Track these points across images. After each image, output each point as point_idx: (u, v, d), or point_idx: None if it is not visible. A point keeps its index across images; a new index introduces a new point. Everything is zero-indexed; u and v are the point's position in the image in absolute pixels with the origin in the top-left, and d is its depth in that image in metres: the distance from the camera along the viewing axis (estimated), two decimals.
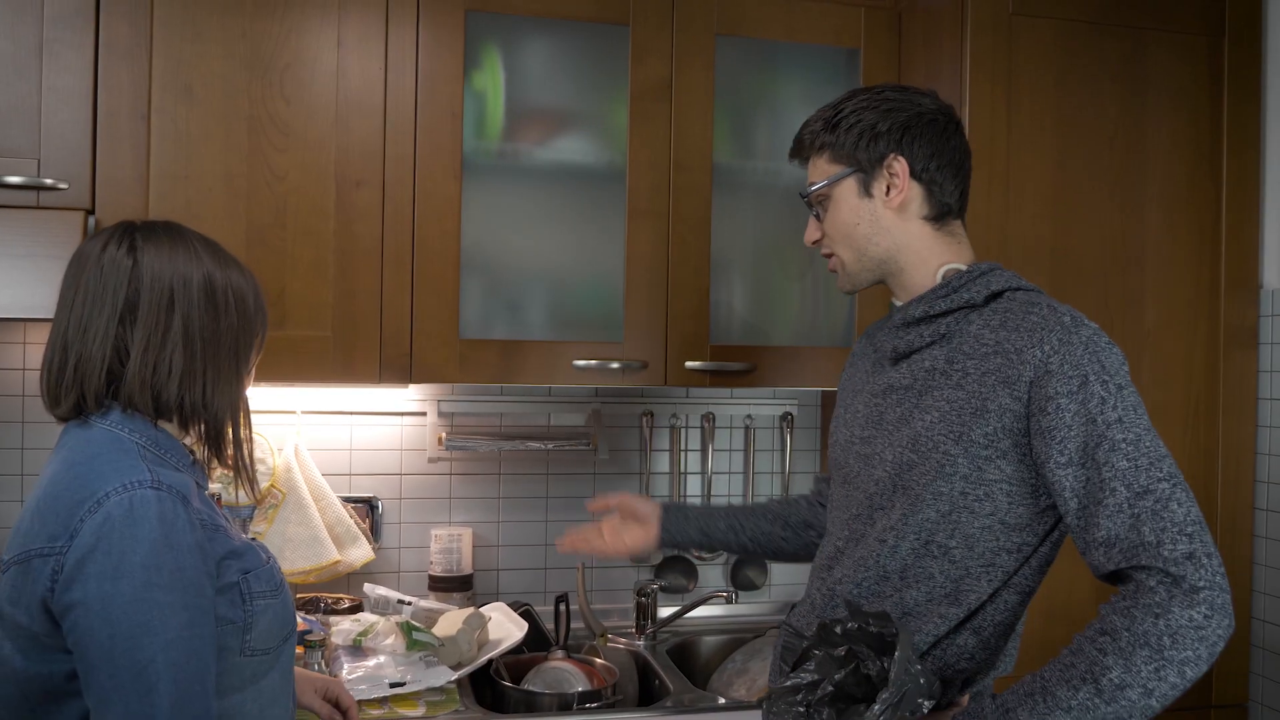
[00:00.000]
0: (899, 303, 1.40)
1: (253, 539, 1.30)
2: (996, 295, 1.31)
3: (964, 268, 1.35)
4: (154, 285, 1.20)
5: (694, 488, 2.43)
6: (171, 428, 1.24)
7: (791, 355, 2.11)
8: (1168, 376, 2.02)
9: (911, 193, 1.34)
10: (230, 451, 1.27)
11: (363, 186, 1.91)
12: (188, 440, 1.26)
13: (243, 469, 1.30)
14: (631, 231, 2.02)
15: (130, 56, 1.81)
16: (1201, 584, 1.10)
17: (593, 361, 1.99)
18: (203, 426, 1.24)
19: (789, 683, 1.21)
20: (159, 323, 1.19)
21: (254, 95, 1.86)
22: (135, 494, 1.09)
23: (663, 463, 2.41)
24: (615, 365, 2.00)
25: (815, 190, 1.39)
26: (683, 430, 2.42)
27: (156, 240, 1.23)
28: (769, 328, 2.14)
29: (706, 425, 2.42)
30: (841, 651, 1.19)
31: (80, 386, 1.19)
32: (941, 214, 1.36)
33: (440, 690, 1.84)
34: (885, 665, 1.17)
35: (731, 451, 2.46)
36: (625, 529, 1.66)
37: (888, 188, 1.35)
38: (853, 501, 1.38)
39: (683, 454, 2.42)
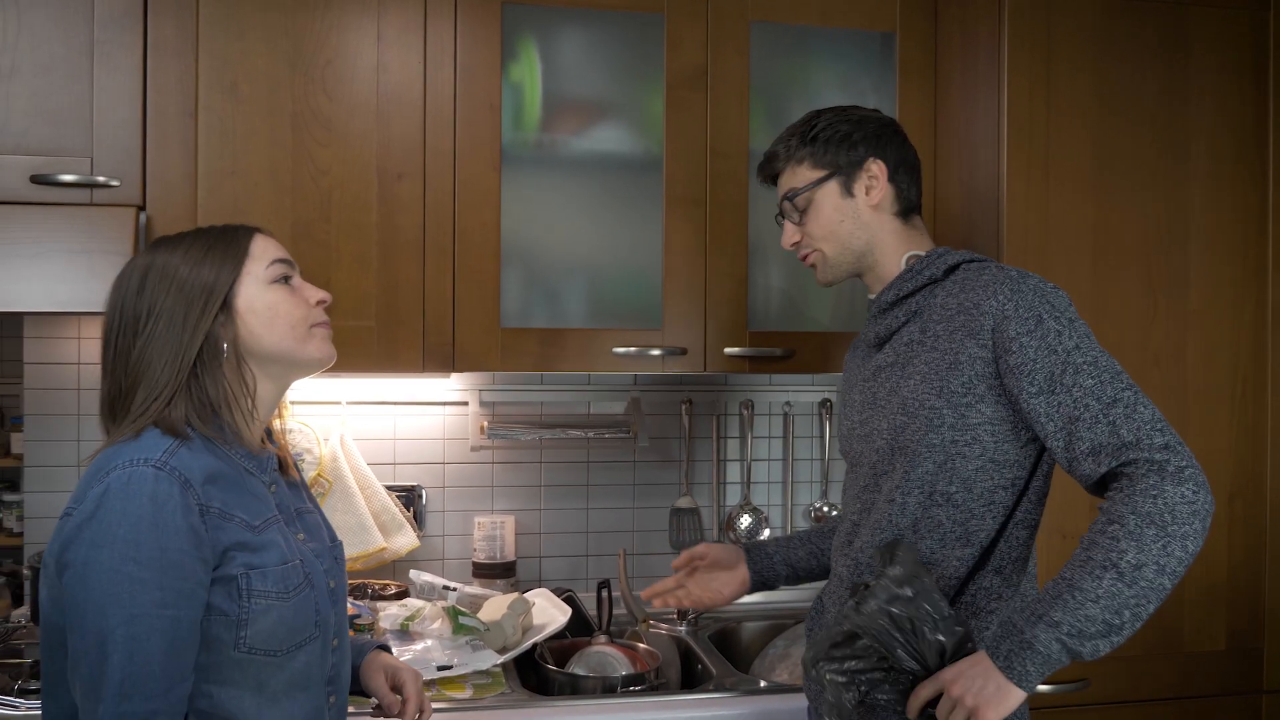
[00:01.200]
0: (873, 295, 1.57)
1: (305, 540, 1.30)
2: (954, 268, 1.49)
3: (923, 253, 1.54)
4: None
5: (733, 475, 2.44)
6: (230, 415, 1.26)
7: (830, 340, 2.11)
8: (1214, 357, 1.99)
9: (886, 192, 1.53)
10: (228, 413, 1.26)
11: (404, 179, 1.94)
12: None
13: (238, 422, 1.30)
14: (669, 219, 2.04)
15: (177, 56, 1.86)
16: (1185, 464, 1.26)
17: (632, 349, 2.01)
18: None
19: (836, 653, 1.33)
20: (107, 348, 1.26)
21: (297, 91, 1.90)
22: (135, 470, 1.13)
23: (703, 450, 2.42)
24: (655, 352, 2.02)
25: (801, 193, 1.55)
26: (722, 417, 2.43)
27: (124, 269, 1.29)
28: (808, 313, 2.15)
29: (745, 412, 2.42)
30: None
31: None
32: (908, 210, 1.56)
33: (486, 673, 1.86)
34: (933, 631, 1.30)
35: (770, 438, 2.47)
36: (714, 578, 1.76)
37: (867, 188, 1.53)
38: (860, 476, 1.53)
39: (722, 441, 2.43)
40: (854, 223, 1.54)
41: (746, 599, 2.34)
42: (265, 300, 1.28)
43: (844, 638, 1.34)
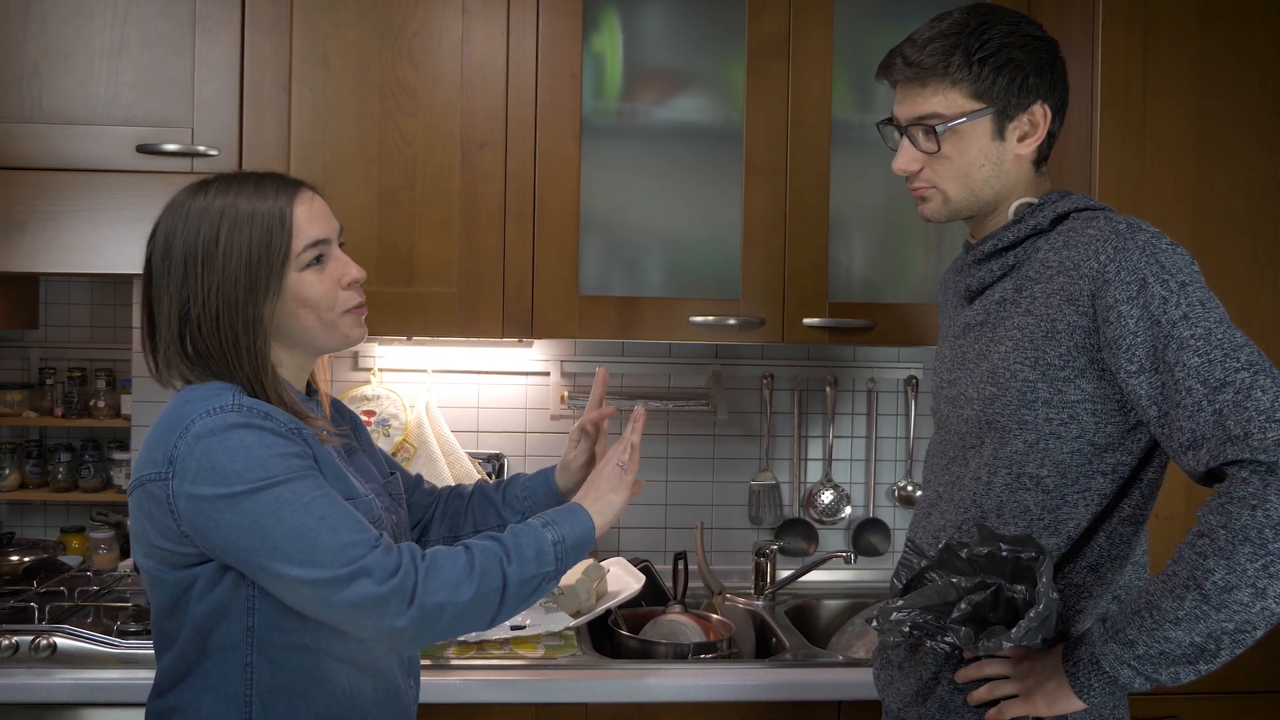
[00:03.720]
0: (973, 240, 1.39)
1: (362, 481, 1.31)
2: (1063, 217, 1.29)
3: (1035, 200, 1.33)
4: (147, 259, 1.27)
5: (815, 451, 2.41)
6: (285, 370, 1.29)
7: (913, 313, 2.07)
8: None
9: (1040, 141, 1.32)
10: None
11: (486, 148, 1.97)
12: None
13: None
14: (748, 189, 2.03)
15: (273, 29, 1.93)
16: None
17: (710, 318, 2.01)
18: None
19: (899, 603, 1.24)
20: (150, 290, 1.26)
21: (384, 63, 1.95)
22: (219, 416, 1.15)
23: (784, 426, 2.40)
24: (732, 321, 2.01)
25: (952, 124, 1.29)
26: (804, 393, 2.40)
27: (169, 209, 1.29)
28: (889, 285, 2.11)
29: (828, 388, 2.39)
30: (964, 581, 1.21)
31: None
32: (1046, 156, 1.35)
33: (559, 635, 1.89)
34: (1028, 590, 1.18)
35: (854, 415, 2.43)
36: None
37: (1022, 134, 1.31)
38: (948, 445, 1.38)
39: (804, 417, 2.41)
40: (994, 169, 1.31)
41: (824, 575, 2.32)
42: (293, 290, 1.24)
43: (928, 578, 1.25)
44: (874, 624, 1.28)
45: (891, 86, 1.37)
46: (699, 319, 2.01)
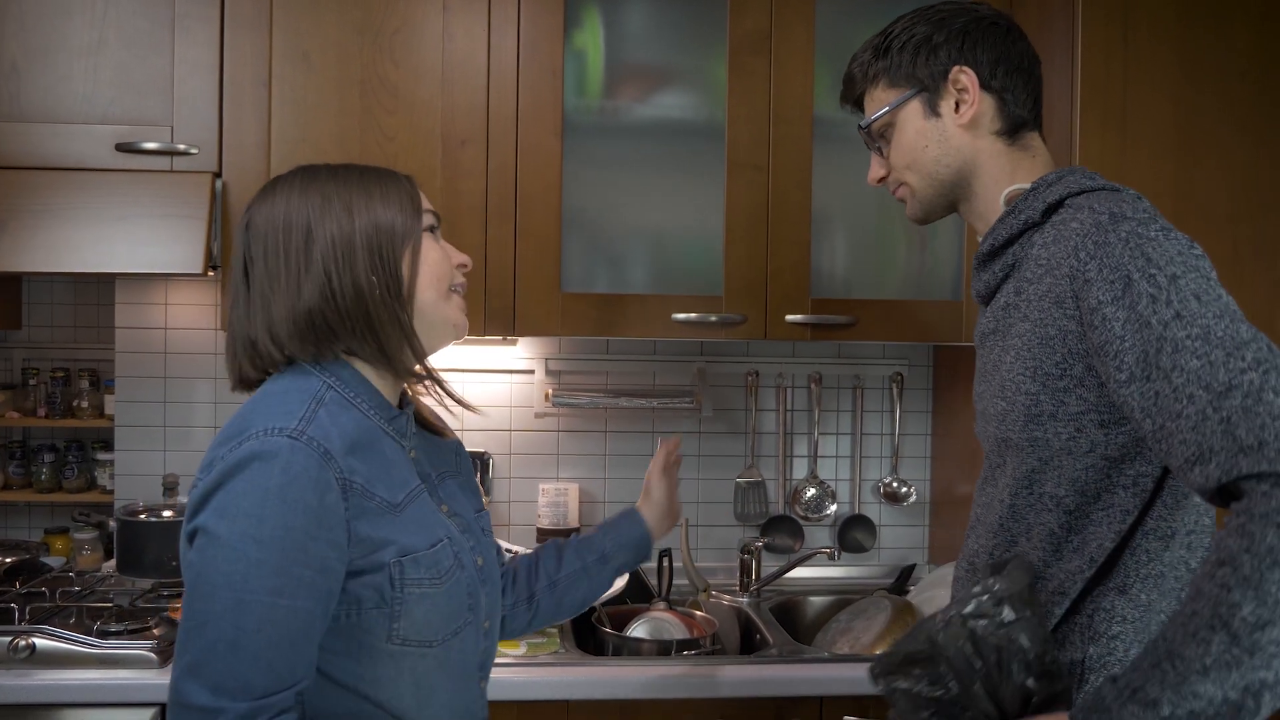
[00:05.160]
0: (980, 237, 1.30)
1: (448, 512, 1.21)
2: (1056, 206, 1.18)
3: (1028, 186, 1.22)
4: (255, 240, 1.17)
5: (800, 448, 2.41)
6: (365, 369, 1.18)
7: (896, 309, 2.07)
8: None
9: (983, 105, 1.23)
10: (417, 374, 1.20)
11: (467, 145, 1.97)
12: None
13: (443, 390, 1.27)
14: (731, 186, 2.02)
15: (252, 27, 1.92)
16: None
17: (692, 315, 2.01)
18: (371, 348, 1.16)
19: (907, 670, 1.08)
20: (265, 276, 1.15)
21: (365, 60, 1.95)
22: (270, 440, 1.04)
23: (768, 423, 2.40)
24: (714, 319, 2.01)
25: (877, 119, 1.27)
26: (789, 390, 2.40)
27: (275, 189, 1.19)
28: (872, 281, 2.11)
29: (813, 385, 2.39)
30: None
31: (258, 356, 1.17)
32: (1015, 126, 1.25)
33: (541, 633, 1.88)
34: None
35: (839, 412, 2.43)
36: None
37: (956, 103, 1.24)
38: (986, 463, 1.29)
39: (789, 414, 2.41)
40: (940, 147, 1.25)
41: (810, 571, 2.32)
42: (423, 247, 1.19)
43: (919, 655, 1.07)
44: (879, 684, 1.11)
45: (856, 112, 1.36)
46: (681, 316, 2.01)
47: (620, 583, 2.00)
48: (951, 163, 1.26)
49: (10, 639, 1.69)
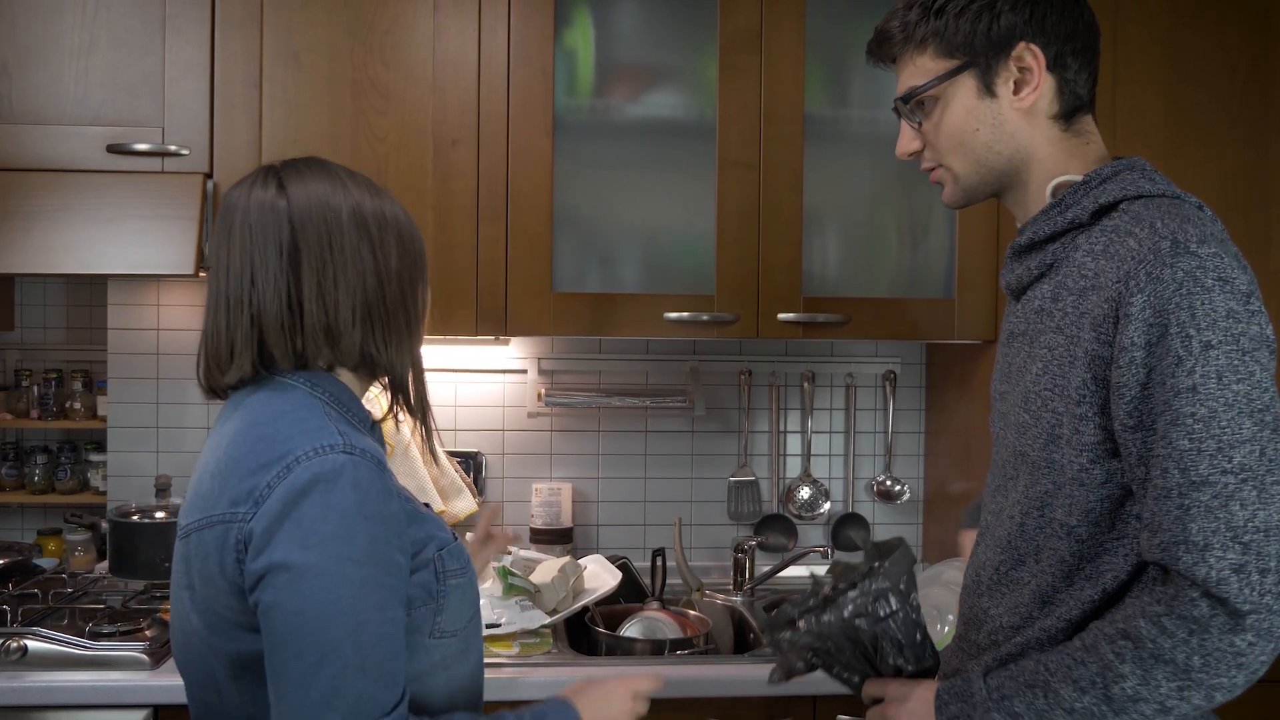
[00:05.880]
0: (1020, 224, 1.20)
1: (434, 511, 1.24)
2: (1108, 209, 1.09)
3: (1078, 179, 1.12)
4: (308, 222, 1.09)
5: (793, 447, 2.41)
6: (350, 379, 1.14)
7: (888, 307, 2.07)
8: None
9: (1045, 87, 1.11)
10: (414, 404, 1.17)
11: (458, 145, 1.97)
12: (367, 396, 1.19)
13: (430, 427, 1.22)
14: (722, 184, 2.02)
15: (243, 28, 1.92)
16: (1247, 607, 0.94)
17: (684, 314, 2.01)
18: (387, 376, 1.14)
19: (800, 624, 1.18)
20: (326, 262, 1.08)
21: (356, 60, 1.94)
22: (328, 459, 1.00)
23: (762, 422, 2.40)
24: (706, 318, 2.01)
25: (923, 92, 1.14)
26: (782, 389, 2.40)
27: (300, 174, 1.12)
28: (864, 280, 2.11)
29: (806, 384, 2.39)
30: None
31: (259, 343, 1.09)
32: (1073, 110, 1.13)
33: (534, 633, 1.88)
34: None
35: (832, 410, 2.43)
36: None
37: (1016, 84, 1.11)
38: (995, 470, 1.23)
39: (782, 413, 2.41)
40: (994, 132, 1.13)
41: (804, 569, 2.32)
42: None
43: (803, 623, 1.19)
44: (771, 639, 1.23)
45: (884, 67, 1.24)
46: (673, 315, 2.01)
47: (614, 582, 2.01)
48: (1004, 149, 1.14)
49: (2, 641, 1.69)
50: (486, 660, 1.75)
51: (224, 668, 1.05)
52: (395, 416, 1.22)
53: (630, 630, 1.98)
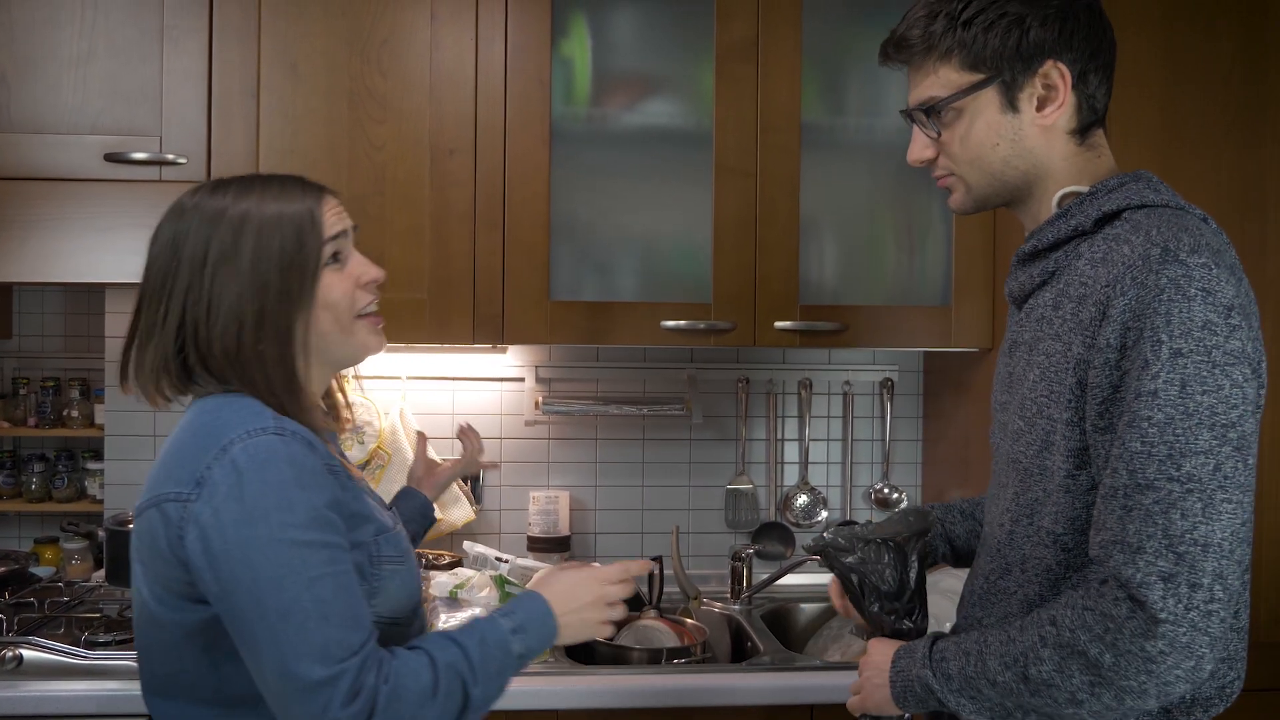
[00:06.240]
0: (1027, 232, 1.20)
1: (388, 506, 1.26)
2: (1110, 217, 1.09)
3: (1085, 189, 1.12)
4: (164, 250, 1.17)
5: (791, 455, 2.41)
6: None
7: (885, 315, 2.07)
8: None
9: (1067, 107, 1.11)
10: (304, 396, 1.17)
11: (455, 154, 1.97)
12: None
13: (338, 408, 1.29)
14: (719, 193, 2.03)
15: (241, 37, 1.93)
16: (1165, 615, 0.95)
17: (681, 322, 2.01)
18: (263, 378, 1.14)
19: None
20: (181, 287, 1.14)
21: (353, 70, 1.95)
22: (260, 439, 1.07)
23: (759, 429, 2.40)
24: (702, 326, 2.01)
25: (947, 104, 1.12)
26: (779, 396, 2.40)
27: (174, 207, 1.20)
28: (862, 288, 2.11)
29: (803, 392, 2.40)
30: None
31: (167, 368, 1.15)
32: (1088, 125, 1.14)
33: None
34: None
35: (830, 418, 2.43)
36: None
37: (1040, 101, 1.10)
38: (992, 481, 1.25)
39: (779, 421, 2.41)
40: (1013, 147, 1.12)
41: (803, 578, 2.32)
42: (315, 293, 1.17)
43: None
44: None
45: (895, 67, 1.22)
46: (670, 324, 2.01)
47: None
48: (1021, 165, 1.14)
49: None
50: None
51: (177, 637, 1.11)
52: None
53: (627, 639, 1.98)
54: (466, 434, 1.76)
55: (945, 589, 1.96)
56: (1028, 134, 1.12)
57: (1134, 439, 0.98)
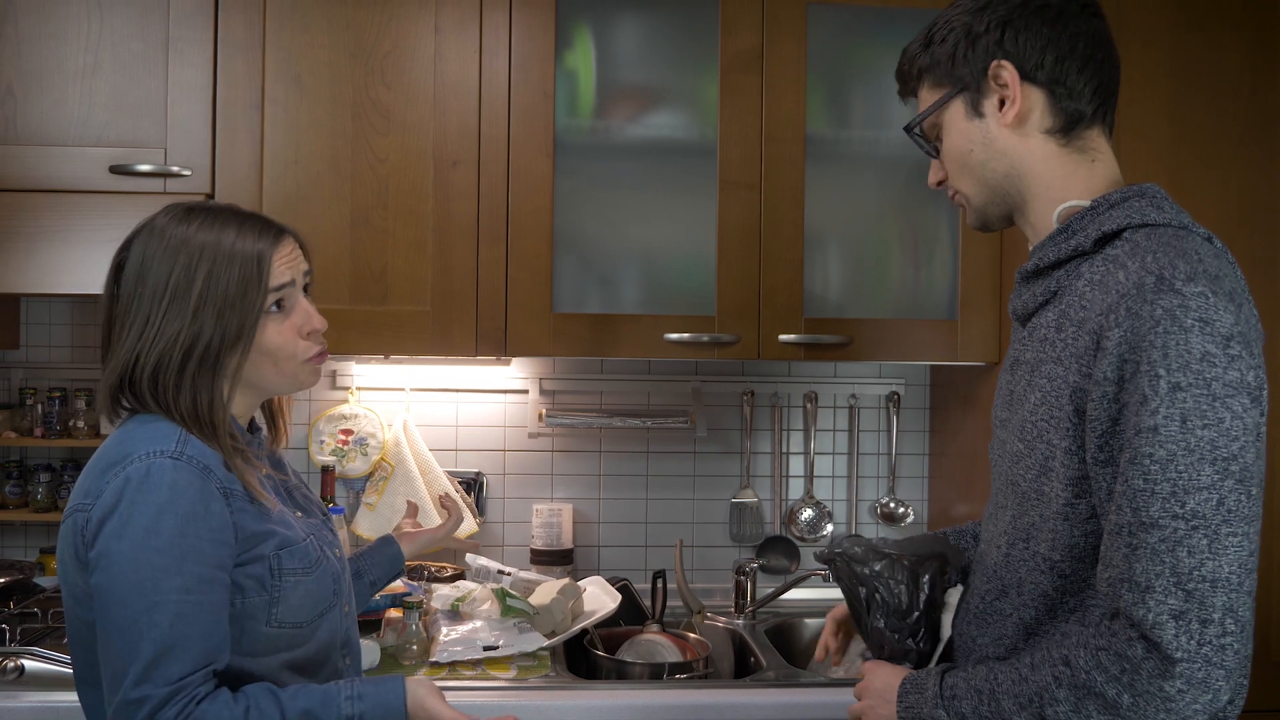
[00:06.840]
0: (1031, 247, 1.20)
1: (303, 517, 1.31)
2: (1111, 236, 1.07)
3: (1086, 204, 1.11)
4: (133, 273, 1.24)
5: (796, 468, 2.40)
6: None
7: (891, 328, 2.06)
8: None
9: (1029, 102, 1.11)
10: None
11: (459, 166, 1.97)
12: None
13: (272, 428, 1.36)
14: (723, 205, 2.02)
15: (245, 50, 1.93)
16: (1180, 654, 0.94)
17: (685, 335, 2.00)
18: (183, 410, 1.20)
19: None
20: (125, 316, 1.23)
21: (357, 82, 1.95)
22: (153, 461, 1.14)
23: (764, 442, 2.39)
24: (707, 339, 2.00)
25: (920, 120, 1.19)
26: (784, 409, 2.39)
27: (146, 225, 1.27)
28: (867, 301, 2.10)
29: (809, 405, 2.38)
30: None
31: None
32: (1070, 123, 1.12)
33: (532, 655, 1.87)
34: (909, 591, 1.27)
35: (835, 432, 2.42)
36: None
37: (1000, 101, 1.13)
38: (992, 498, 1.24)
39: (785, 434, 2.39)
40: (986, 150, 1.15)
41: (808, 593, 2.31)
42: (255, 338, 1.22)
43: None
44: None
45: None
46: (674, 336, 2.00)
47: (613, 604, 1.99)
48: (999, 167, 1.15)
49: None
50: (484, 682, 1.75)
51: (94, 633, 1.18)
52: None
53: (629, 653, 1.97)
54: (447, 503, 1.76)
55: (948, 605, 1.94)
56: (996, 136, 1.15)
57: (1136, 476, 0.97)
